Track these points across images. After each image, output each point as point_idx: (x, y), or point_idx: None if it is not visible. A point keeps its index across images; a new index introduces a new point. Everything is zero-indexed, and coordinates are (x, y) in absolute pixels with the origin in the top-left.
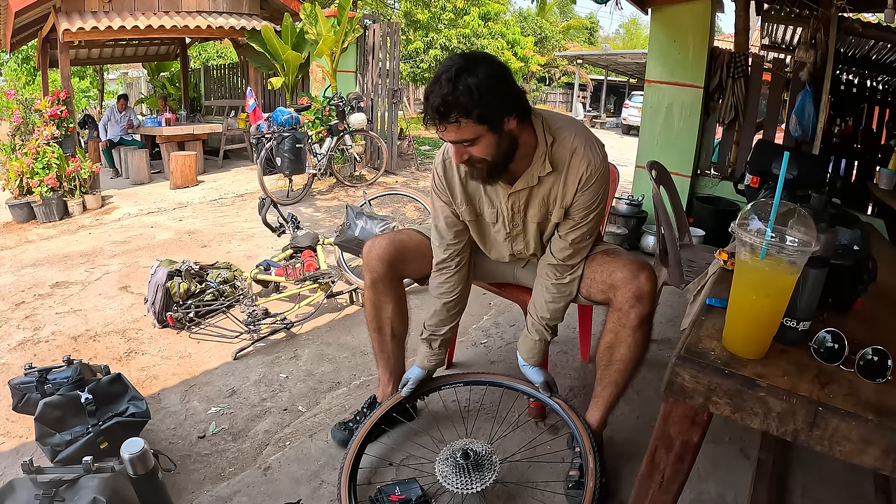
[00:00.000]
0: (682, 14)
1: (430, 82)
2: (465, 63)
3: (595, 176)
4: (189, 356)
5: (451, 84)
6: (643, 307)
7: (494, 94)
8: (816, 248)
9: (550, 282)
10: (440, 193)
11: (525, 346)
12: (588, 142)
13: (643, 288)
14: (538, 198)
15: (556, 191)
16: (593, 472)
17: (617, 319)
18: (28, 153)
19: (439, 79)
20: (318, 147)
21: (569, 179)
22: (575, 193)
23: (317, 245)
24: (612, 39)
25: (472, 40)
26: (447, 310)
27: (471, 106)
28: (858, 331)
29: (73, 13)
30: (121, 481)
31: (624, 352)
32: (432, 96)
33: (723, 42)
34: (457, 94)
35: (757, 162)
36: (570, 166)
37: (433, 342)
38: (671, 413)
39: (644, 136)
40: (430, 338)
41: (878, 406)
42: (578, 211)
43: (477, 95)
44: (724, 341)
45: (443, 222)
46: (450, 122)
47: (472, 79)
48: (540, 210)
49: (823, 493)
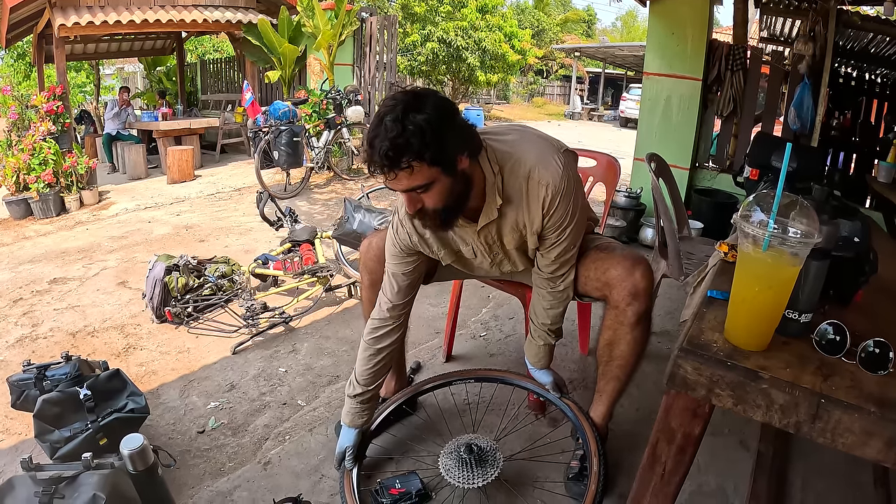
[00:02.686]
0: (680, 6)
1: (372, 126)
2: (410, 101)
3: (558, 195)
4: (188, 351)
5: (399, 125)
6: (640, 304)
7: (445, 132)
8: (819, 240)
9: (546, 290)
10: (403, 247)
11: (531, 352)
12: (541, 160)
13: (639, 285)
14: (507, 226)
15: (523, 218)
16: (596, 476)
17: (614, 317)
18: (24, 149)
19: (382, 120)
20: (315, 140)
21: (531, 206)
22: (543, 218)
23: (315, 239)
24: (609, 32)
25: (469, 33)
26: (387, 359)
27: (422, 147)
28: (860, 323)
29: (69, 8)
30: (120, 477)
31: (623, 349)
32: (377, 141)
33: (721, 34)
34: (406, 136)
35: (756, 154)
36: (529, 193)
37: (363, 397)
38: (673, 405)
39: (642, 128)
40: (362, 393)
41: (880, 398)
42: (552, 230)
43: (429, 135)
44: (727, 333)
45: (400, 273)
46: (401, 169)
47: (421, 116)
48: (513, 237)
49: (823, 484)
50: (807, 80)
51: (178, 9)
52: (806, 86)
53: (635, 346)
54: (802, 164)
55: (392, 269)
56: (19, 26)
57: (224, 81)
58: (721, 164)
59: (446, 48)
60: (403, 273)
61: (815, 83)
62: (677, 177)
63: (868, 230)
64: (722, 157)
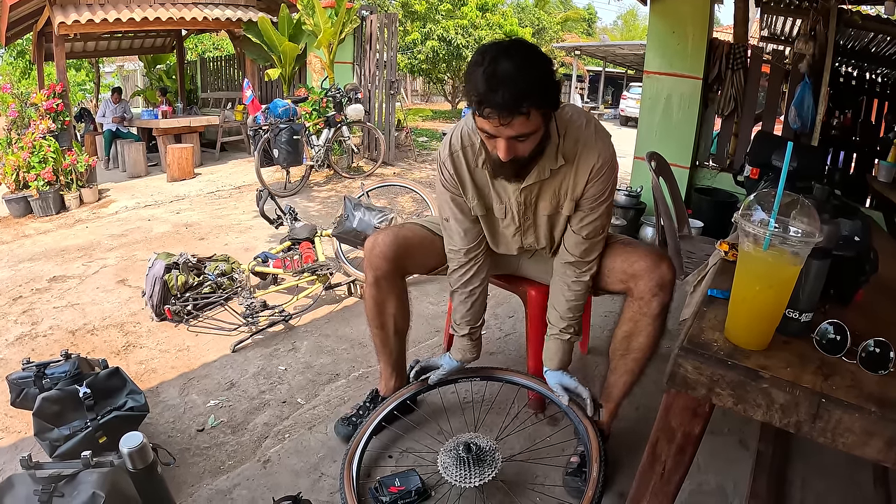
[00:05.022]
0: (681, 5)
1: (482, 67)
2: (520, 48)
3: (605, 166)
4: (187, 349)
5: (524, 72)
6: (665, 296)
7: (554, 84)
8: (820, 239)
9: (571, 279)
10: (451, 188)
11: (546, 352)
12: (597, 131)
13: (665, 277)
14: (549, 191)
15: (568, 183)
16: (595, 481)
17: (637, 308)
18: (24, 147)
19: (498, 64)
20: (315, 139)
21: (580, 171)
22: (586, 185)
23: (315, 237)
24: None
25: (469, 31)
26: (483, 300)
27: (542, 96)
28: (860, 322)
29: (69, 6)
30: (120, 475)
31: (643, 340)
32: (499, 84)
33: (722, 33)
34: (531, 82)
35: (757, 153)
36: (581, 158)
37: (473, 334)
38: (673, 405)
39: (643, 127)
40: (471, 332)
41: (880, 398)
42: (589, 202)
43: (547, 84)
44: (727, 332)
45: (460, 215)
46: (520, 114)
47: (540, 64)
48: (551, 203)
49: (823, 484)
50: (807, 79)
51: (179, 6)
52: (806, 85)
53: (654, 338)
54: (803, 164)
55: (453, 216)
56: (19, 24)
57: (224, 79)
58: (721, 163)
59: (446, 46)
60: (463, 214)
61: (816, 82)
62: (678, 175)
63: (869, 229)
64: (722, 156)
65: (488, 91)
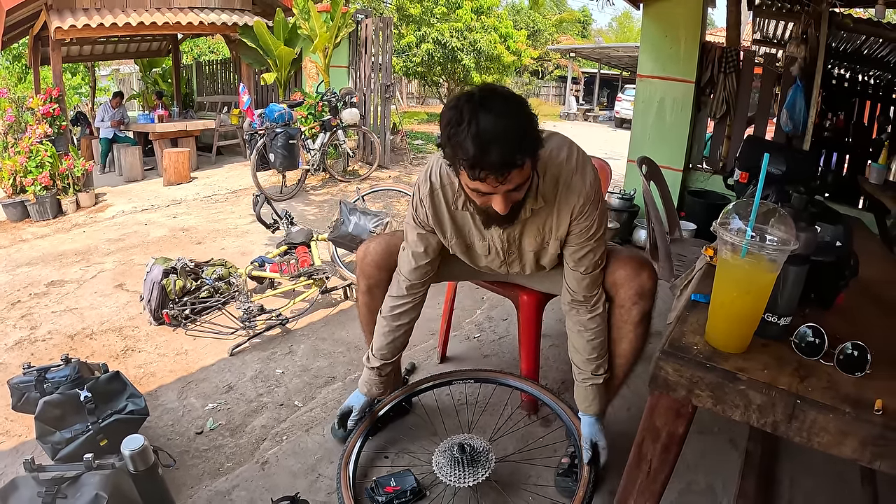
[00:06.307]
0: (674, 9)
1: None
2: (495, 97)
3: (588, 204)
4: (185, 353)
5: (507, 124)
6: (645, 304)
7: (534, 121)
8: (795, 247)
9: (585, 318)
10: (422, 225)
11: (580, 396)
12: (578, 165)
13: (645, 286)
14: (532, 228)
15: (551, 222)
16: (586, 481)
17: (619, 316)
18: (21, 152)
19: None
20: (311, 143)
21: (562, 211)
22: (570, 223)
23: (311, 241)
24: (604, 33)
25: (464, 34)
26: (405, 335)
27: (531, 141)
28: (840, 326)
29: (65, 10)
30: (122, 477)
31: (625, 346)
32: (490, 145)
33: (714, 37)
34: (518, 133)
35: (746, 157)
36: (562, 198)
37: (383, 370)
38: (657, 405)
39: (636, 130)
40: (381, 367)
41: (856, 399)
42: (577, 237)
43: (531, 127)
44: (707, 336)
45: (419, 250)
46: (516, 167)
47: (523, 114)
48: (535, 240)
49: (811, 483)
50: (799, 81)
51: (174, 11)
52: (798, 88)
53: (637, 343)
54: (794, 168)
55: (411, 248)
56: (15, 28)
57: (220, 83)
58: (714, 166)
59: (441, 49)
60: (423, 251)
61: (808, 85)
62: (671, 178)
63: (850, 234)
64: (715, 159)
65: (479, 154)
